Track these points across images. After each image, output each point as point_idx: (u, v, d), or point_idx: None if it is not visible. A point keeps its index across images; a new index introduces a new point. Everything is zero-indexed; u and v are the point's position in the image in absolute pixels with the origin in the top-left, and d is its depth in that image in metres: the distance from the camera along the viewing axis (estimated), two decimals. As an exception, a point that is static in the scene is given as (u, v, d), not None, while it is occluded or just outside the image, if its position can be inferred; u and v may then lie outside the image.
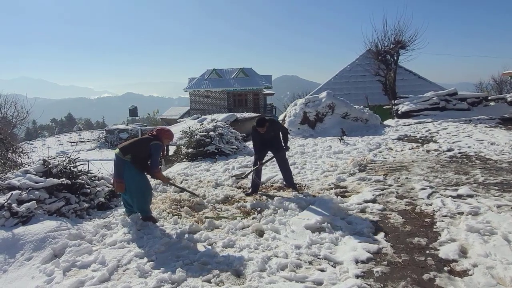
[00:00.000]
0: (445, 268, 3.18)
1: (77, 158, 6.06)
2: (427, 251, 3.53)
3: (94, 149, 28.16)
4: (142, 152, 4.59)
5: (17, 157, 11.41)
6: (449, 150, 8.50)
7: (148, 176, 4.82)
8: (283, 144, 6.03)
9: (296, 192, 5.87)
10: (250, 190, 6.07)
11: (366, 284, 2.96)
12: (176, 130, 17.60)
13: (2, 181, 5.02)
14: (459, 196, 5.05)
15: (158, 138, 4.68)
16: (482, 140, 9.26)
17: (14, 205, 4.38)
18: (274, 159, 6.18)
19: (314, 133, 13.26)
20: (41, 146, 25.28)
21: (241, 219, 4.80)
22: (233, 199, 5.82)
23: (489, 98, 16.49)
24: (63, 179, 5.19)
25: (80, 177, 5.59)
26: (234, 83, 38.96)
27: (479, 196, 4.99)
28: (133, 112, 40.14)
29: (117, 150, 4.61)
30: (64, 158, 5.90)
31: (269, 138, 5.90)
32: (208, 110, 35.10)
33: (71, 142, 31.04)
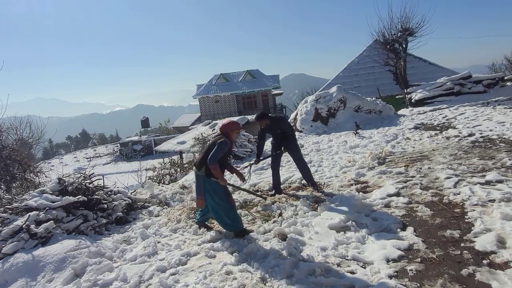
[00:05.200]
0: (484, 261, 2.97)
1: (91, 174, 6.03)
2: (462, 244, 3.32)
3: (110, 163, 28.51)
4: None
5: (34, 177, 11.56)
6: (470, 135, 8.19)
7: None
8: (295, 144, 5.91)
9: (316, 190, 5.71)
10: (273, 191, 5.94)
11: (401, 284, 2.79)
12: (188, 137, 17.62)
13: (20, 203, 5.01)
14: (488, 183, 4.79)
15: (224, 134, 4.37)
16: (503, 122, 8.90)
17: (32, 226, 4.35)
18: (272, 157, 6.05)
19: (328, 129, 13.03)
20: (59, 164, 25.69)
21: (262, 223, 4.67)
22: (252, 203, 5.69)
23: (505, 78, 15.97)
24: (79, 196, 5.16)
25: (96, 193, 5.55)
26: (242, 86, 38.91)
27: (509, 180, 4.73)
28: (145, 123, 40.55)
29: (194, 168, 4.48)
30: (79, 175, 5.87)
31: (278, 137, 5.85)
32: (219, 115, 35.15)
33: (87, 158, 31.51)
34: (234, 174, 4.78)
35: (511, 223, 3.49)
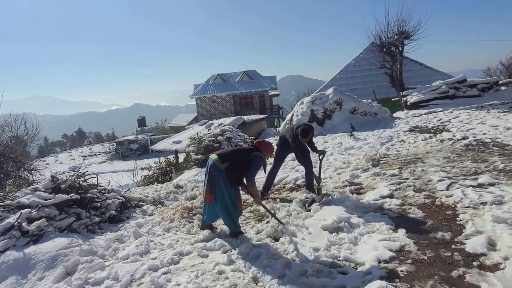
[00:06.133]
0: (474, 263, 2.99)
1: (85, 172, 6.00)
2: (453, 246, 3.34)
3: (105, 161, 28.40)
4: (241, 162, 4.21)
5: (29, 174, 11.46)
6: (464, 138, 8.25)
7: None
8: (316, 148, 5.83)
9: (311, 192, 5.72)
10: (261, 192, 5.90)
11: (392, 285, 2.80)
12: (184, 137, 17.60)
13: (12, 200, 4.98)
14: (480, 185, 4.83)
15: (259, 150, 4.33)
16: (497, 126, 8.97)
17: (24, 224, 4.32)
18: (279, 161, 6.02)
19: (323, 131, 13.06)
20: (54, 162, 25.55)
21: (255, 223, 4.67)
22: (246, 203, 5.68)
23: (499, 82, 16.10)
24: (72, 194, 5.13)
25: (90, 191, 5.52)
26: (239, 87, 38.93)
27: (501, 183, 4.77)
28: (142, 122, 40.44)
29: (214, 156, 4.22)
30: (72, 173, 5.84)
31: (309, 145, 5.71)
32: (215, 115, 35.14)
33: (82, 156, 31.36)
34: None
35: (501, 226, 3.51)
